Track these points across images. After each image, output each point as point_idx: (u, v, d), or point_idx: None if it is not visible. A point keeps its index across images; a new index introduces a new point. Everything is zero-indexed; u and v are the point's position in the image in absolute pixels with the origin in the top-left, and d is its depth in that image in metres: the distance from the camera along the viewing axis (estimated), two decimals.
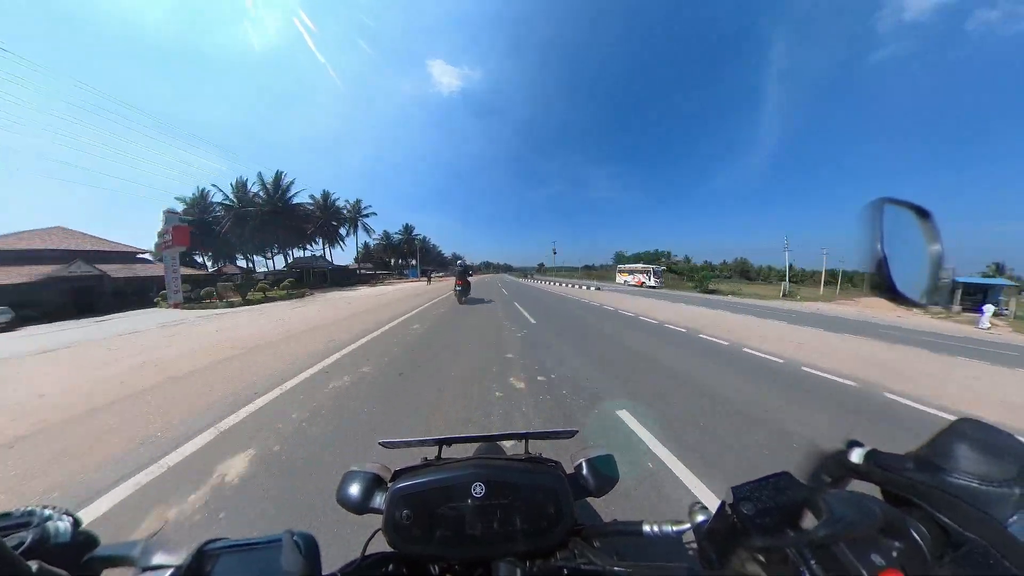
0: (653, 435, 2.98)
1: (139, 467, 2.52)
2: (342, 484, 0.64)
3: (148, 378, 4.74)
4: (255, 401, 3.78)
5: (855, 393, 4.39)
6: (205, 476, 2.40)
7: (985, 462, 0.30)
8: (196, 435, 3.00)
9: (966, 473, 0.30)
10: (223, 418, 3.35)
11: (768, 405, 3.80)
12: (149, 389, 4.28)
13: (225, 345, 6.89)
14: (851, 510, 0.31)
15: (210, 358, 5.80)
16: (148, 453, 2.72)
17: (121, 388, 4.36)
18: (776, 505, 0.36)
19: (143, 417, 3.43)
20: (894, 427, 3.43)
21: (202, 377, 4.73)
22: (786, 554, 0.32)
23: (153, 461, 2.59)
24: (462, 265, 15.96)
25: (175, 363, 5.54)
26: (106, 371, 5.25)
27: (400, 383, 4.33)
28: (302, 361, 5.43)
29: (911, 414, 3.82)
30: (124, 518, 2.01)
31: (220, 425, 3.20)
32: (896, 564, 0.30)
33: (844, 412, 3.75)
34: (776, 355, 6.32)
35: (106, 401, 3.92)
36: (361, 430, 3.08)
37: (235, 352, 6.22)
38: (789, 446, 2.90)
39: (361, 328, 8.50)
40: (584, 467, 0.68)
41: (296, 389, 4.18)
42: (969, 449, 0.31)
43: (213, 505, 2.10)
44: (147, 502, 2.13)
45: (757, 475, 0.37)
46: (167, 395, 4.05)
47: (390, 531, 0.54)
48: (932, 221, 0.46)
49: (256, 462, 2.58)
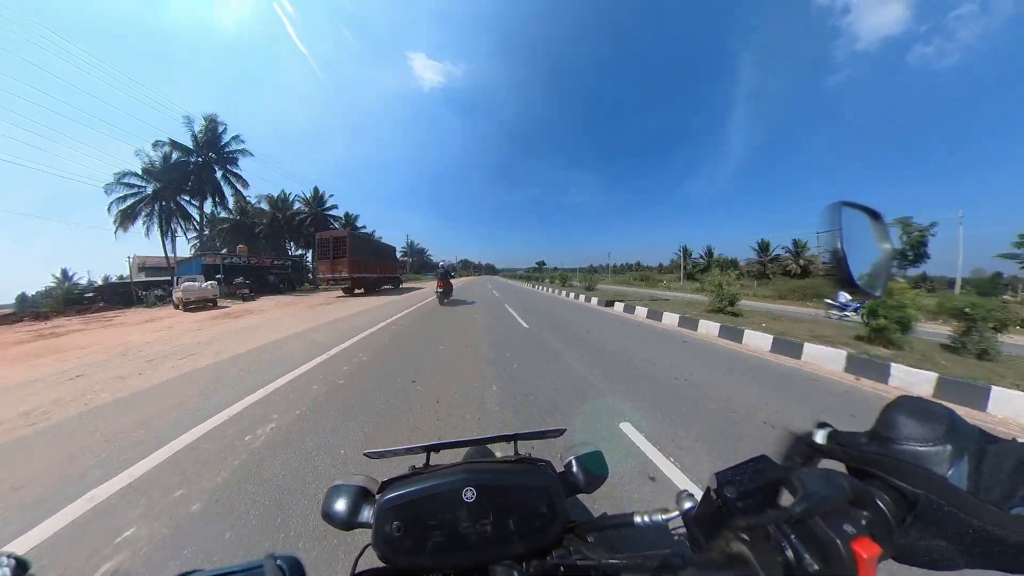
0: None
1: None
2: (327, 500, 0.61)
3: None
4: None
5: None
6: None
7: (921, 428, 0.35)
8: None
9: (908, 439, 0.35)
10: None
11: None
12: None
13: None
14: (823, 486, 0.33)
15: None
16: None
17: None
18: (756, 486, 0.38)
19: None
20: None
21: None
22: (768, 531, 0.34)
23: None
24: (444, 268, 16.38)
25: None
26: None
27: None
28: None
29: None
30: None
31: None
32: (866, 531, 0.32)
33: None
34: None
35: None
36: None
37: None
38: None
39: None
40: (574, 464, 0.69)
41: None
42: (907, 419, 0.36)
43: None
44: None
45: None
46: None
47: (381, 545, 0.52)
48: (882, 222, 0.51)
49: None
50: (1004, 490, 0.31)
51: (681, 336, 8.22)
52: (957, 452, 0.33)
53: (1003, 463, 0.32)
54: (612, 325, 9.80)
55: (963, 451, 0.33)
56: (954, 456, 0.33)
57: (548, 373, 4.83)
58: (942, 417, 0.35)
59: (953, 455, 0.33)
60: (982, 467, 0.32)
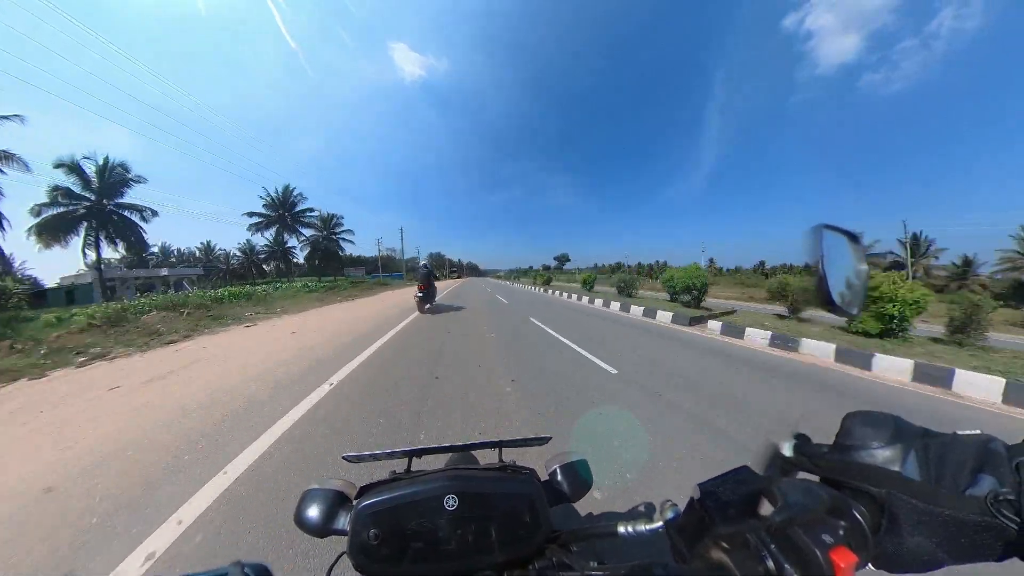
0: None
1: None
2: (300, 504, 0.59)
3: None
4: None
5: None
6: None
7: (874, 433, 0.39)
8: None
9: (865, 445, 0.39)
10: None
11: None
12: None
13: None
14: (801, 496, 0.35)
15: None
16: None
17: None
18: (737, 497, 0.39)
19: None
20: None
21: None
22: (748, 540, 0.35)
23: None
24: (426, 268, 12.63)
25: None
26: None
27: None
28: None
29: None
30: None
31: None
32: (843, 541, 0.34)
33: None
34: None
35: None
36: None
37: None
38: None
39: None
40: (559, 473, 0.68)
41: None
42: (861, 427, 0.40)
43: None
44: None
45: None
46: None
47: (356, 553, 0.51)
48: (860, 244, 0.54)
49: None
50: (953, 477, 0.34)
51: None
52: (905, 449, 0.37)
53: (947, 453, 0.36)
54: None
55: (910, 447, 0.37)
56: (903, 452, 0.37)
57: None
58: (888, 421, 0.39)
59: (903, 451, 0.37)
60: (929, 458, 0.36)
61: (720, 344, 7.62)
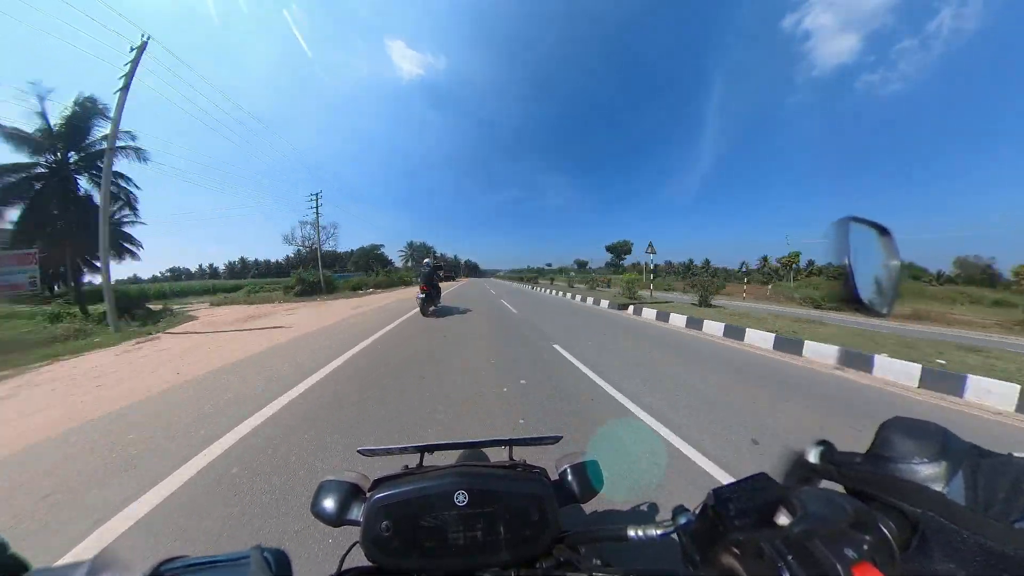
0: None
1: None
2: (317, 494, 0.61)
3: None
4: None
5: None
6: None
7: (916, 446, 0.35)
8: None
9: (904, 458, 0.35)
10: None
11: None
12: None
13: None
14: (823, 507, 0.33)
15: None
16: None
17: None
18: (754, 505, 0.37)
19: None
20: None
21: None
22: (763, 550, 0.33)
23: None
24: (428, 265, 10.62)
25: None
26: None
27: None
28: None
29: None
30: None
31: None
32: (867, 557, 0.31)
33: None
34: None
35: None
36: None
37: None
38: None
39: None
40: (569, 473, 0.67)
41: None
42: (903, 438, 0.36)
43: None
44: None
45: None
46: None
47: (368, 544, 0.52)
48: (891, 238, 0.50)
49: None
50: (1004, 505, 0.30)
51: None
52: (952, 468, 0.32)
53: (999, 477, 0.32)
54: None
55: (958, 466, 0.33)
56: (949, 472, 0.32)
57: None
58: (936, 434, 0.35)
59: (948, 471, 0.32)
60: (978, 482, 0.32)
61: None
